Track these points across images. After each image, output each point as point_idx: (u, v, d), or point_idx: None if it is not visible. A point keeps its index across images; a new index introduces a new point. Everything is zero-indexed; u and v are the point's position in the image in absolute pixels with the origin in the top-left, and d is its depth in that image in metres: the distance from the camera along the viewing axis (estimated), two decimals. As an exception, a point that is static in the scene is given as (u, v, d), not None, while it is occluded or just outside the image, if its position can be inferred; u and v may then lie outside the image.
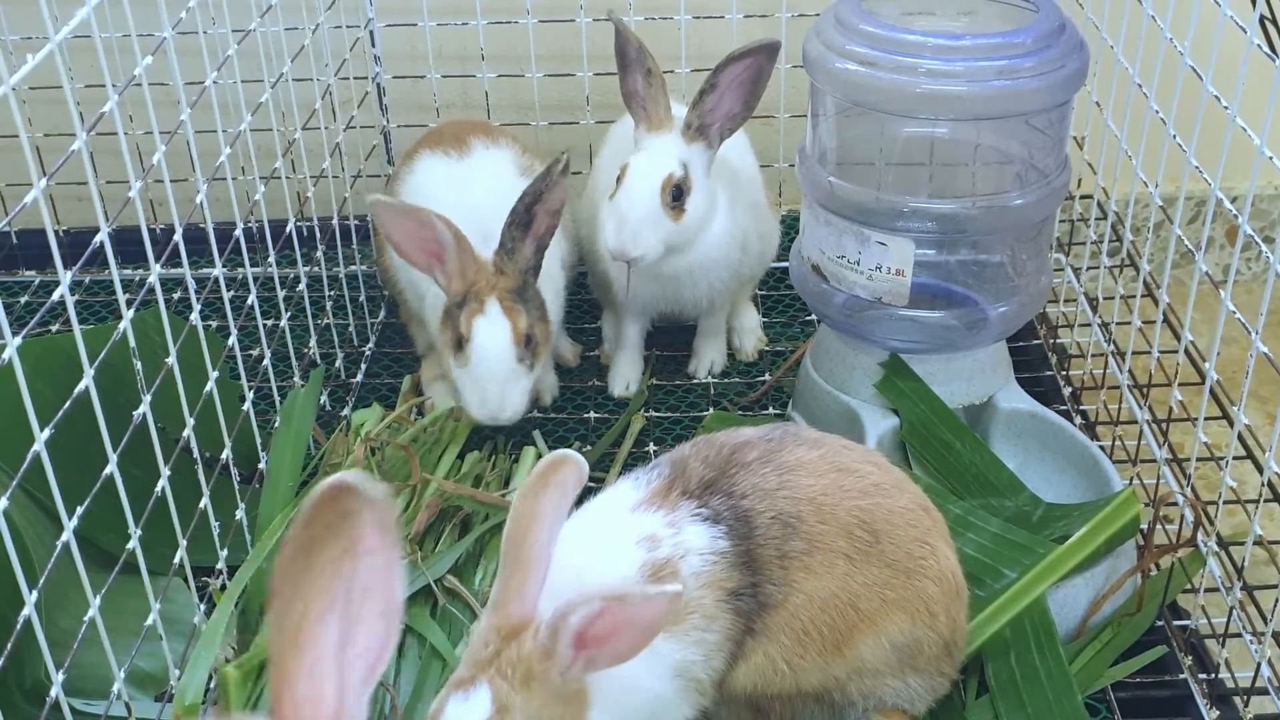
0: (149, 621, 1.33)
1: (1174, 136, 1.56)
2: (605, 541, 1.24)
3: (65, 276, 1.11)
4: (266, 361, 1.76)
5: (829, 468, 1.28)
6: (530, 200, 1.69)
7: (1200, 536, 1.56)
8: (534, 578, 1.14)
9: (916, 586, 1.27)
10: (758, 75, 1.76)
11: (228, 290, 1.59)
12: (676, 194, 1.77)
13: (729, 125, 1.79)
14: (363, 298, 2.20)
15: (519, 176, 1.87)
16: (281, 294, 1.87)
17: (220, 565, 1.54)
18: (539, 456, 1.84)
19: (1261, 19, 1.41)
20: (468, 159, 1.91)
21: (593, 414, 1.99)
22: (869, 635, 1.26)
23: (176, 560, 1.39)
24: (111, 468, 1.23)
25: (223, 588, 1.53)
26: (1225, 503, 1.49)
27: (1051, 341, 2.09)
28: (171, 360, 1.37)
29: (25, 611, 1.08)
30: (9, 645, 1.10)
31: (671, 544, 1.23)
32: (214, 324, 2.04)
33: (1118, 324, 1.95)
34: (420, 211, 1.67)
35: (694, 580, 1.22)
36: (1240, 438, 1.43)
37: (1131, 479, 1.72)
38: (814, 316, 2.14)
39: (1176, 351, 1.61)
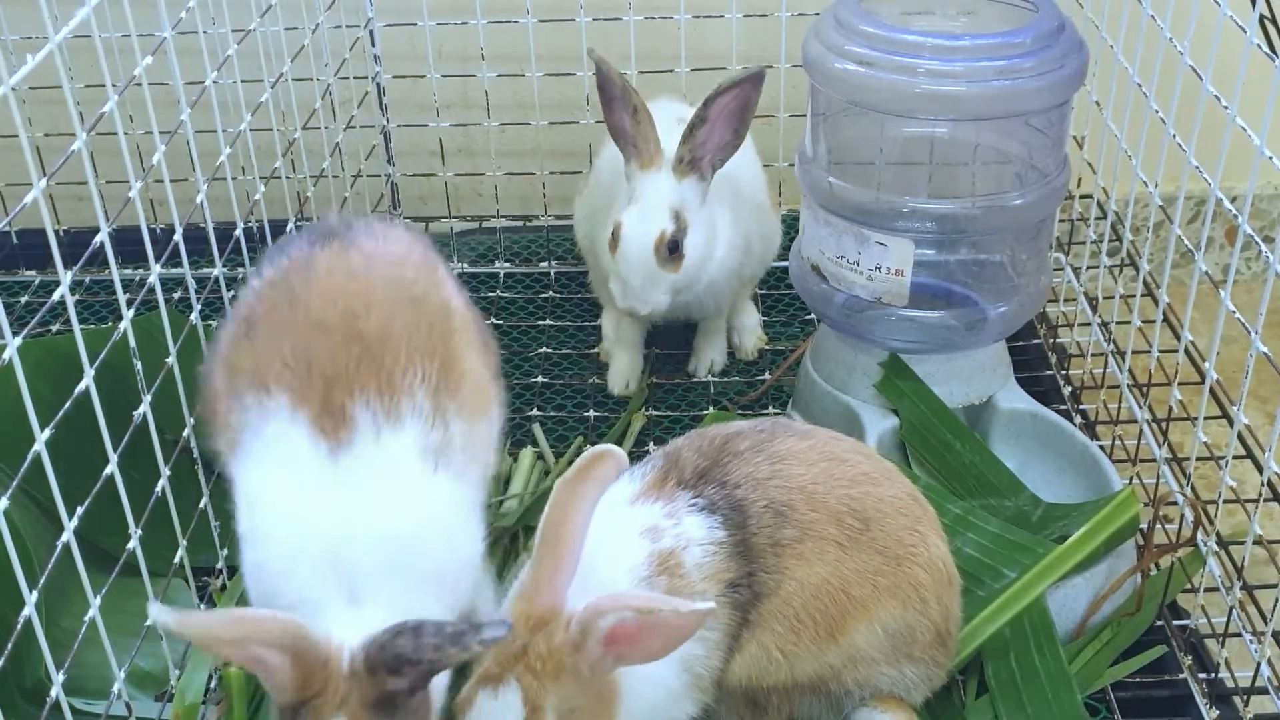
0: (149, 621, 1.33)
1: (1174, 136, 1.56)
2: (610, 535, 1.24)
3: (65, 276, 1.11)
4: (266, 361, 1.76)
5: (819, 457, 1.30)
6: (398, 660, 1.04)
7: (1200, 536, 1.56)
8: (566, 566, 1.15)
9: (907, 573, 1.28)
10: (745, 104, 1.76)
11: (228, 290, 1.59)
12: (673, 246, 1.78)
13: (721, 156, 1.79)
14: (363, 297, 2.19)
15: (424, 478, 1.18)
16: (281, 294, 1.87)
17: (220, 565, 1.54)
18: (538, 456, 1.85)
19: (1261, 19, 1.41)
20: (347, 454, 1.15)
21: (593, 412, 1.99)
22: (861, 622, 1.27)
23: (176, 560, 1.39)
24: (112, 468, 1.23)
25: (223, 588, 1.53)
26: (1225, 502, 1.49)
27: (1051, 341, 2.09)
28: (172, 360, 1.37)
29: (25, 611, 1.08)
30: (9, 645, 1.10)
31: (673, 535, 1.24)
32: (214, 324, 2.04)
33: (1117, 323, 1.95)
34: (242, 631, 1.03)
35: (697, 572, 1.23)
36: (1240, 437, 1.43)
37: (1131, 479, 1.72)
38: (814, 316, 2.14)
39: (1176, 351, 1.61)
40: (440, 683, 1.15)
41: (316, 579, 1.12)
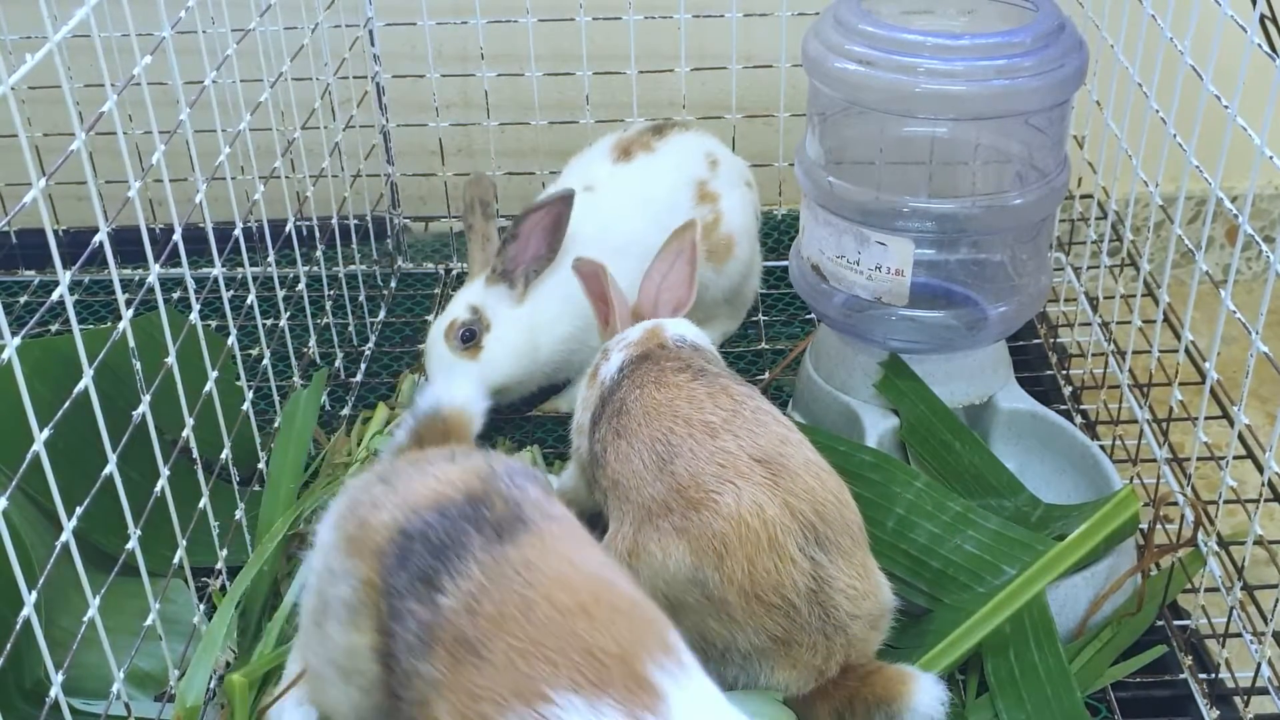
0: (148, 622, 1.33)
1: (1174, 136, 1.56)
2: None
3: (64, 276, 1.11)
4: (266, 361, 1.76)
5: (687, 397, 1.38)
6: None
7: (1200, 536, 1.56)
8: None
9: (702, 520, 1.27)
10: (557, 220, 1.81)
11: (227, 290, 1.59)
12: (466, 335, 1.84)
13: (534, 267, 1.85)
14: (362, 297, 2.20)
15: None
16: (281, 294, 1.87)
17: (220, 566, 1.54)
18: (536, 460, 1.85)
19: (1261, 18, 1.41)
20: (669, 715, 1.02)
21: (592, 414, 1.99)
22: (654, 543, 1.30)
23: (176, 560, 1.39)
24: (111, 468, 1.23)
25: (222, 588, 1.53)
26: (1225, 502, 1.49)
27: (1052, 341, 2.09)
28: (171, 360, 1.37)
29: (24, 612, 1.08)
30: (8, 645, 1.10)
31: (617, 351, 1.53)
32: (213, 324, 2.04)
33: (1118, 323, 1.95)
34: None
35: (598, 380, 1.52)
36: (1240, 437, 1.43)
37: (1132, 479, 1.72)
38: (814, 316, 2.14)
39: (1177, 351, 1.60)
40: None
41: None
